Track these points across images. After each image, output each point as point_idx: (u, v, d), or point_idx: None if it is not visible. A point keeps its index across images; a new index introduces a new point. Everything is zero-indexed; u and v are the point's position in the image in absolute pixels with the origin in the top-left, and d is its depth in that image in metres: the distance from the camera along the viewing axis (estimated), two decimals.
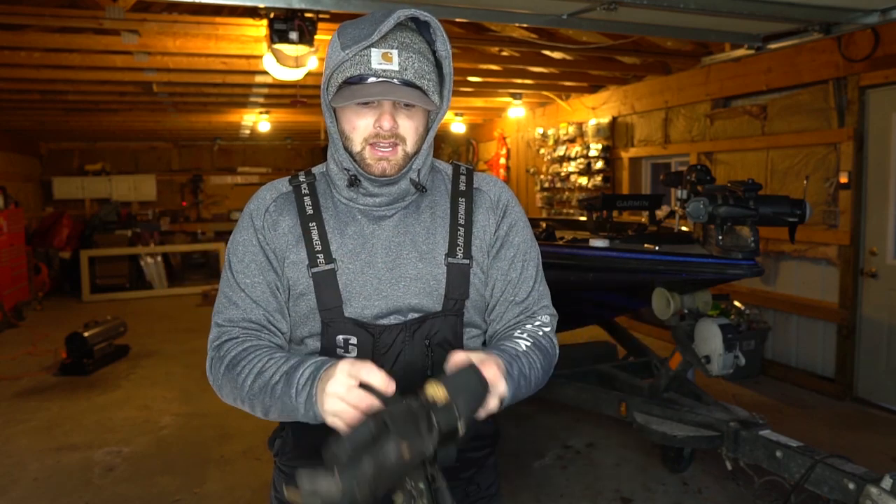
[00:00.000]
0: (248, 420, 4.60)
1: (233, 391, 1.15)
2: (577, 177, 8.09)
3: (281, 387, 1.06)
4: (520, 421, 4.44)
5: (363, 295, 1.21)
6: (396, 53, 1.12)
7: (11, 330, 7.71)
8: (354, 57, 1.13)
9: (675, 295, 3.39)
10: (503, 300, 1.29)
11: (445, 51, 1.19)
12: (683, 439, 3.20)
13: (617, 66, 6.60)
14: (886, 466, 3.59)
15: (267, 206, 1.26)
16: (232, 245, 1.28)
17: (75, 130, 10.59)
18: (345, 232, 1.23)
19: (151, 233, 11.56)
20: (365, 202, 1.24)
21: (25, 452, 4.15)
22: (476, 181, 1.32)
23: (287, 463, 1.32)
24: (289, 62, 4.54)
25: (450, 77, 1.21)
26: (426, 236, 1.25)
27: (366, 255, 1.22)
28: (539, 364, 1.20)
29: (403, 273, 1.22)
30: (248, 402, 1.13)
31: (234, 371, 1.14)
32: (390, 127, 1.14)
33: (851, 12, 3.79)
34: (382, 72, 1.11)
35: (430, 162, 1.27)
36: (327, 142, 1.27)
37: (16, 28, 4.88)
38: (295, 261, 1.22)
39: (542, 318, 1.29)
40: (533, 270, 1.32)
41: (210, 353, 1.22)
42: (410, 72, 1.12)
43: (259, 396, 1.10)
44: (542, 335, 1.25)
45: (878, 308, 4.66)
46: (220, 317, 1.24)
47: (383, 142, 1.16)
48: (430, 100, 1.16)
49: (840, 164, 4.78)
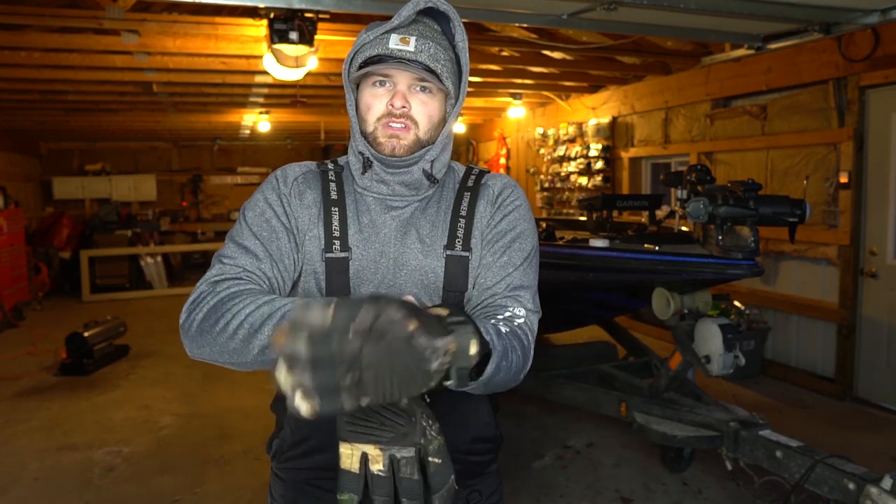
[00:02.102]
0: (248, 420, 4.60)
1: (213, 325, 1.02)
2: (577, 177, 8.09)
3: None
4: (520, 421, 4.44)
5: (371, 284, 1.22)
6: (414, 39, 1.16)
7: (11, 330, 7.71)
8: (374, 40, 1.18)
9: (675, 295, 3.39)
10: (476, 285, 1.23)
11: (463, 42, 1.22)
12: (683, 439, 3.20)
13: (617, 66, 6.60)
14: (886, 466, 3.59)
15: (296, 176, 1.27)
16: (251, 202, 1.24)
17: (75, 130, 10.59)
18: (360, 221, 1.25)
19: (151, 233, 11.55)
20: (379, 190, 1.25)
21: (25, 452, 4.15)
22: (485, 178, 1.33)
23: (284, 464, 1.30)
24: (289, 62, 4.54)
25: (466, 68, 1.24)
26: (430, 229, 1.26)
27: (378, 244, 1.23)
28: (517, 350, 1.08)
29: (406, 265, 1.23)
30: (232, 336, 0.99)
31: (230, 302, 1.02)
32: (402, 106, 1.17)
33: (851, 12, 3.79)
34: (398, 52, 1.15)
35: (446, 159, 1.28)
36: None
37: (16, 28, 4.88)
38: (315, 236, 1.23)
39: (514, 309, 1.16)
40: (517, 259, 1.23)
41: (201, 286, 1.09)
42: (425, 55, 1.16)
43: (252, 326, 0.98)
44: (517, 326, 1.12)
45: (878, 308, 4.66)
46: (226, 259, 1.14)
47: (395, 121, 1.18)
48: (444, 83, 1.18)
49: (840, 164, 4.78)
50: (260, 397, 4.96)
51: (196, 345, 1.06)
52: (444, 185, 1.31)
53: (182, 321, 1.08)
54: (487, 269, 1.23)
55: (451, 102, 1.25)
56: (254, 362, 1.01)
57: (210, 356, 1.05)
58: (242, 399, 5.00)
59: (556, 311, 4.19)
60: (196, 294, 1.09)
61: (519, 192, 1.32)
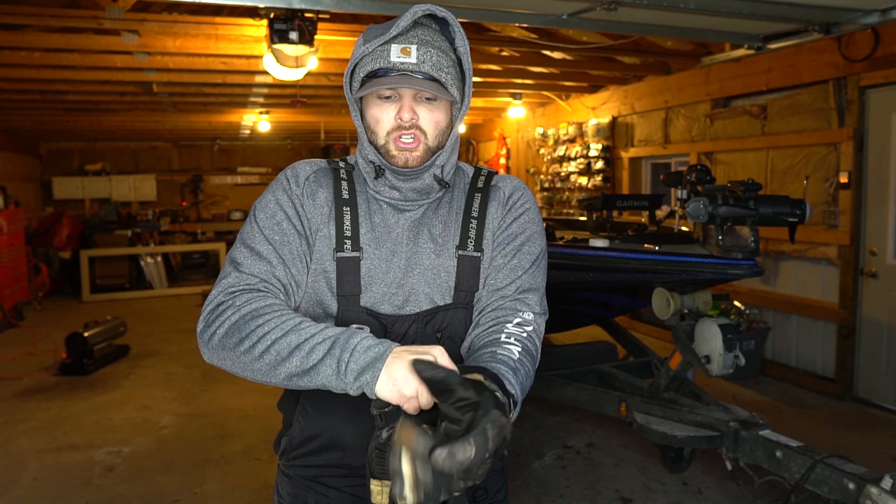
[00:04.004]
0: (248, 420, 4.60)
1: (236, 345, 1.04)
2: (577, 177, 8.09)
3: (325, 349, 1.00)
4: (520, 421, 4.43)
5: (383, 283, 1.23)
6: (415, 48, 1.15)
7: (11, 330, 7.71)
8: (374, 52, 1.17)
9: (675, 295, 3.39)
10: (486, 286, 1.26)
11: (464, 47, 1.21)
12: (683, 439, 3.20)
13: (617, 66, 6.60)
14: (886, 466, 3.59)
15: (307, 175, 1.27)
16: (261, 203, 1.24)
17: (75, 130, 10.60)
18: (372, 221, 1.25)
19: (151, 233, 11.55)
20: (391, 195, 1.25)
21: (25, 452, 4.15)
22: (495, 180, 1.34)
23: (292, 462, 1.31)
24: (289, 62, 4.54)
25: (469, 72, 1.24)
26: (442, 229, 1.27)
27: (390, 244, 1.24)
28: (530, 371, 1.14)
29: (418, 264, 1.24)
30: (256, 360, 1.03)
31: (253, 322, 1.05)
32: (410, 118, 1.17)
33: (851, 12, 3.79)
34: (401, 64, 1.15)
35: (454, 160, 1.29)
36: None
37: (16, 28, 4.88)
38: (326, 236, 1.23)
39: (524, 314, 1.20)
40: (526, 262, 1.26)
41: (220, 297, 1.10)
42: (428, 65, 1.15)
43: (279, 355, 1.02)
44: (527, 336, 1.17)
45: (878, 308, 4.66)
46: (241, 266, 1.15)
47: (406, 133, 1.18)
48: (449, 92, 1.18)
49: (840, 164, 4.78)
50: (260, 397, 4.96)
51: (216, 357, 1.08)
52: (453, 185, 1.32)
53: (200, 330, 1.10)
54: (498, 270, 1.25)
55: (456, 107, 1.25)
56: (278, 384, 1.05)
57: (230, 369, 1.08)
58: (242, 399, 5.00)
59: (557, 311, 4.18)
60: (214, 303, 1.11)
61: (528, 194, 1.34)
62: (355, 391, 0.99)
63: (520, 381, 1.07)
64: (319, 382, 1.01)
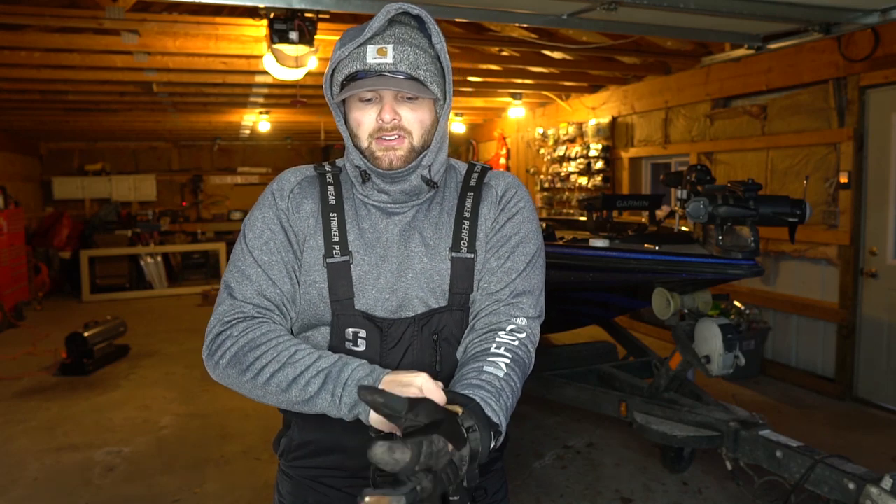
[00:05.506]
0: (248, 420, 4.60)
1: (241, 374, 1.11)
2: (577, 177, 8.09)
3: (319, 383, 1.06)
4: (520, 421, 4.44)
5: (375, 288, 1.22)
6: (391, 48, 1.14)
7: (11, 330, 7.71)
8: (351, 55, 1.16)
9: (675, 295, 3.39)
10: (480, 289, 1.24)
11: (440, 44, 1.20)
12: (683, 439, 3.20)
13: (617, 66, 6.60)
14: (886, 466, 3.59)
15: (292, 187, 1.27)
16: (250, 221, 1.26)
17: (75, 130, 10.60)
18: (361, 226, 1.24)
19: (151, 233, 11.56)
20: (379, 199, 1.25)
21: (25, 452, 4.15)
22: (487, 177, 1.32)
23: (291, 463, 1.31)
24: (289, 62, 4.54)
25: (448, 69, 1.22)
26: (434, 231, 1.25)
27: (380, 249, 1.23)
28: (517, 384, 1.12)
29: (411, 267, 1.23)
30: (260, 388, 1.10)
31: (251, 354, 1.11)
32: (391, 119, 1.16)
33: (851, 12, 3.79)
34: (378, 66, 1.14)
35: (443, 158, 1.27)
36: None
37: (16, 28, 4.88)
38: (314, 246, 1.23)
39: (517, 320, 1.19)
40: (520, 264, 1.24)
41: (218, 327, 1.16)
42: (405, 64, 1.14)
43: (279, 386, 1.08)
44: (518, 345, 1.15)
45: (878, 308, 4.66)
46: (234, 291, 1.20)
47: (388, 134, 1.18)
48: (430, 90, 1.17)
49: (840, 164, 4.78)
50: None
51: (225, 382, 1.15)
52: (445, 184, 1.30)
53: (205, 357, 1.17)
54: (492, 273, 1.24)
55: (440, 103, 1.23)
56: (288, 408, 1.12)
57: (238, 392, 1.15)
58: (242, 399, 4.95)
59: (557, 311, 4.18)
60: (213, 333, 1.16)
61: (522, 191, 1.32)
62: (352, 419, 1.04)
63: (503, 403, 1.05)
64: (318, 411, 1.07)
